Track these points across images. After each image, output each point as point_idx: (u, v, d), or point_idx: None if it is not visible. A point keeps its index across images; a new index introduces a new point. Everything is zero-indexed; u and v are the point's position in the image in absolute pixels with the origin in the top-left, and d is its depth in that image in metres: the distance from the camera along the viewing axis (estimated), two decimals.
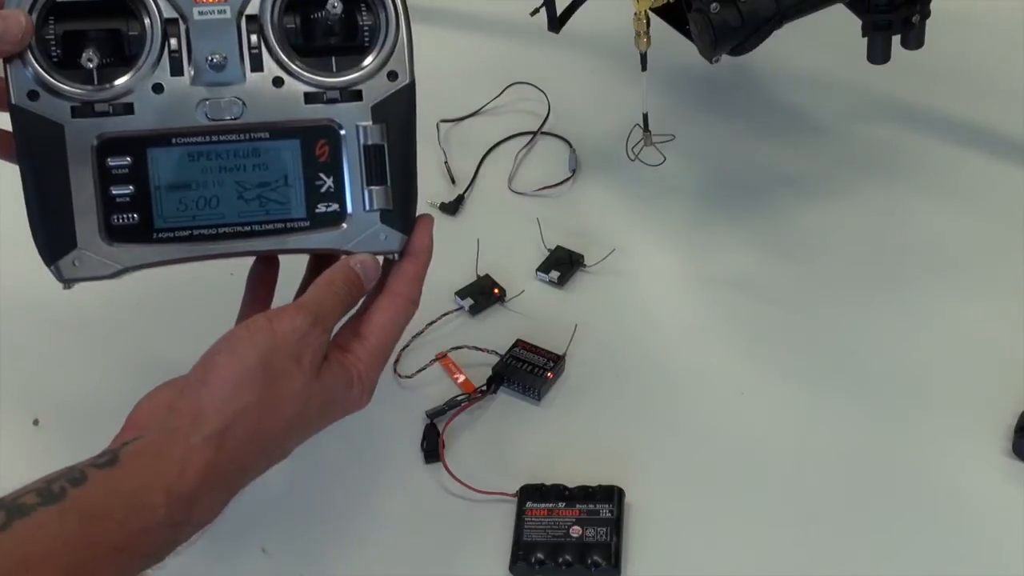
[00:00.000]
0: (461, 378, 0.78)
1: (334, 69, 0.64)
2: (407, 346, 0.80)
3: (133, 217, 0.62)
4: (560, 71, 1.00)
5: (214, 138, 0.62)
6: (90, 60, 0.61)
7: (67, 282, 0.63)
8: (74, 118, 0.61)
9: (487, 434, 0.76)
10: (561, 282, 0.84)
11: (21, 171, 0.61)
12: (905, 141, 0.91)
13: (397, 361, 0.79)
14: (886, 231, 0.85)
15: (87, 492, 0.52)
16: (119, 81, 0.61)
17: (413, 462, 0.74)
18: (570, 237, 0.86)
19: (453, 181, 0.93)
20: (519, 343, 0.79)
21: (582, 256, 0.85)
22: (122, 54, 0.62)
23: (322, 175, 0.63)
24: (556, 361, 0.77)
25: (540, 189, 0.91)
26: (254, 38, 0.63)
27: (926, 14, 0.76)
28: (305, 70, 0.63)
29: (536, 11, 0.85)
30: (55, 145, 0.61)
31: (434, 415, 0.76)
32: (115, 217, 0.62)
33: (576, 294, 0.84)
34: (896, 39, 0.77)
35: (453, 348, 0.79)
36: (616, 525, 0.68)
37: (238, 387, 0.56)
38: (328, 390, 0.60)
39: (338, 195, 0.63)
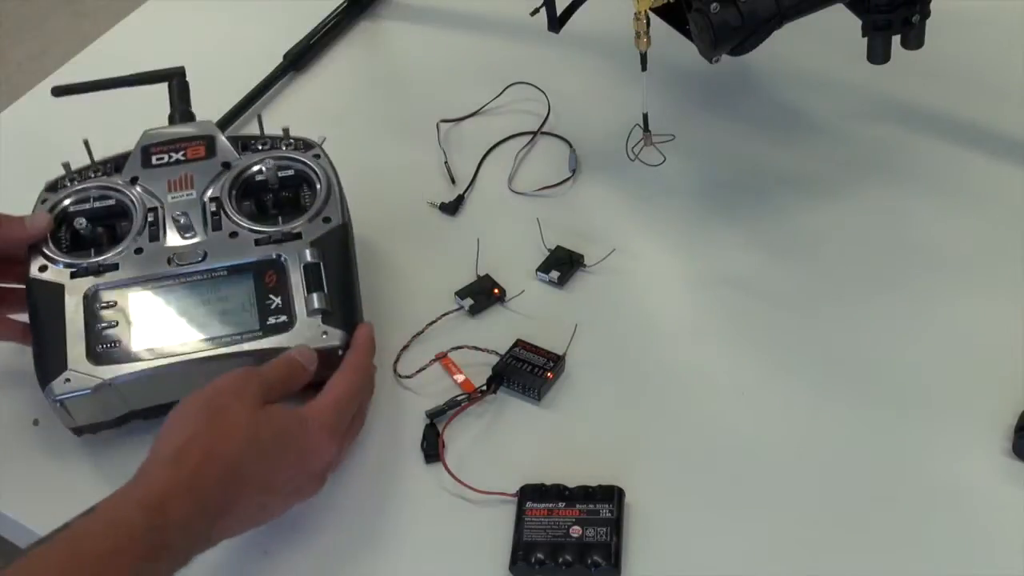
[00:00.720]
0: (461, 378, 0.78)
1: (280, 222, 0.80)
2: (407, 346, 0.80)
3: (115, 344, 0.75)
4: (560, 71, 1.00)
5: (183, 279, 0.77)
6: (90, 246, 0.79)
7: (71, 419, 0.75)
8: (72, 279, 0.77)
9: (487, 434, 0.76)
10: (561, 282, 0.84)
11: (30, 319, 0.77)
12: (905, 141, 0.91)
13: (397, 361, 0.79)
14: (886, 231, 0.85)
15: (71, 528, 0.60)
16: (110, 253, 0.78)
17: (413, 462, 0.74)
18: (570, 237, 0.86)
19: (453, 181, 0.93)
20: (519, 343, 0.79)
21: (582, 256, 0.85)
22: (113, 230, 0.81)
23: (272, 295, 0.76)
24: (556, 361, 0.77)
25: (540, 189, 0.91)
26: (214, 208, 0.80)
27: (926, 14, 0.76)
28: (255, 226, 0.79)
29: (536, 11, 0.85)
30: (56, 300, 0.76)
31: (434, 415, 0.76)
32: (100, 345, 0.75)
33: (576, 294, 0.84)
34: (896, 39, 0.77)
35: (453, 348, 0.79)
36: (616, 525, 0.68)
37: (185, 420, 0.66)
38: (276, 419, 0.67)
39: (286, 308, 0.76)
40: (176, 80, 0.90)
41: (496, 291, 0.83)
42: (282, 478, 0.67)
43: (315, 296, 0.75)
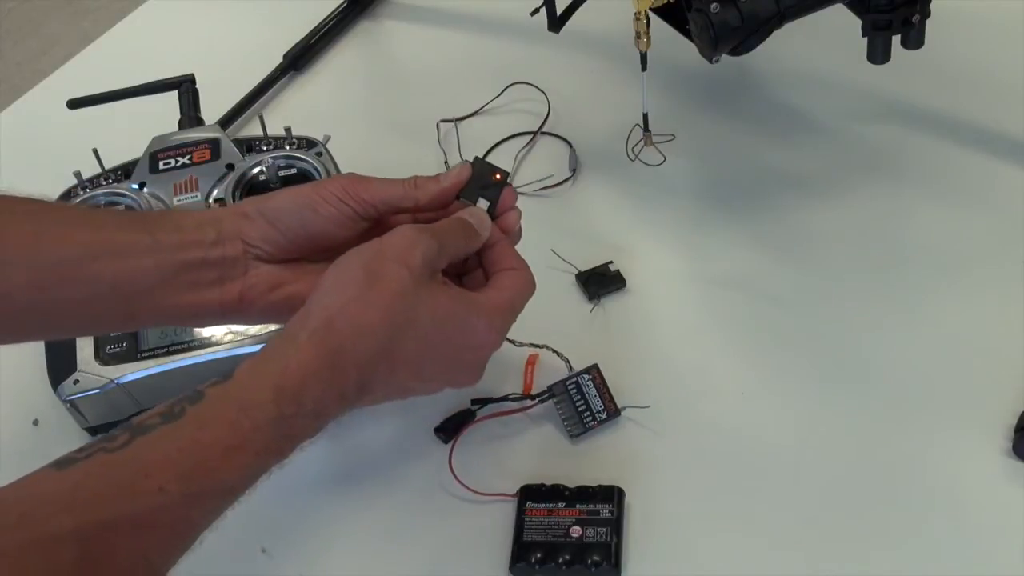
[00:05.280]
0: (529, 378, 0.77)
1: None
2: None
3: (123, 345, 0.76)
4: (560, 71, 1.00)
5: None
6: None
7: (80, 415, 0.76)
8: None
9: (488, 434, 0.76)
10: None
11: None
12: (905, 141, 0.91)
13: None
14: (886, 231, 0.85)
15: (203, 407, 0.55)
16: None
17: (413, 462, 0.74)
18: (570, 237, 0.86)
19: None
20: (595, 370, 0.75)
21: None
22: None
23: None
24: (611, 413, 0.74)
25: (540, 189, 0.91)
26: (217, 207, 0.80)
27: (926, 14, 0.76)
28: None
29: (536, 11, 0.85)
30: None
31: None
32: (108, 347, 0.76)
33: (575, 293, 0.84)
34: (896, 39, 0.77)
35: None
36: (616, 525, 0.68)
37: (341, 285, 0.59)
38: (441, 302, 0.61)
39: None
40: (186, 87, 0.91)
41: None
42: (435, 367, 0.63)
43: None
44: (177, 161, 0.84)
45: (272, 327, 0.75)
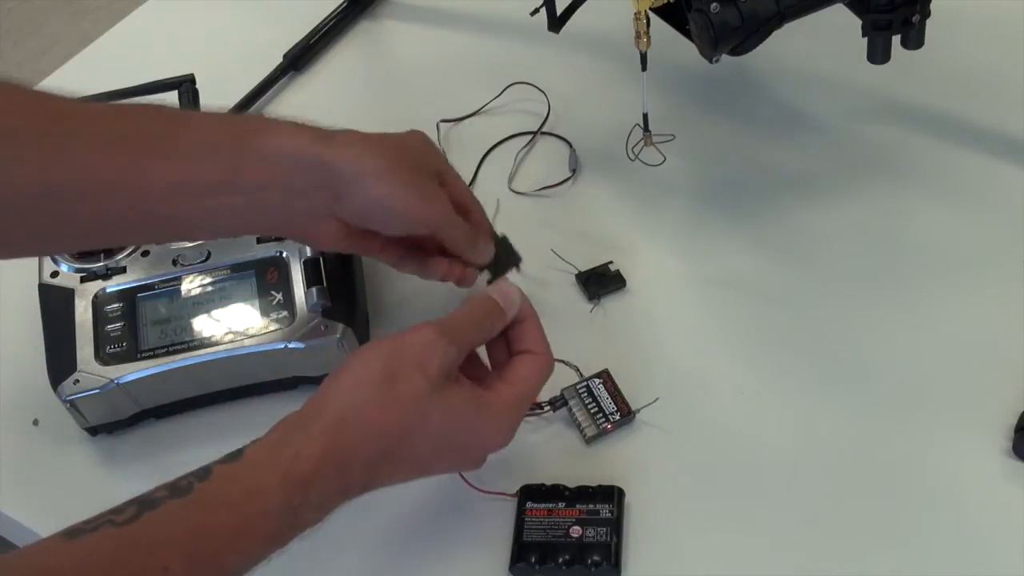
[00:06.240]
0: None
1: None
2: None
3: (123, 345, 0.76)
4: (560, 71, 1.00)
5: (187, 279, 0.79)
6: (99, 251, 0.80)
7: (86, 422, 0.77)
8: (81, 283, 0.79)
9: None
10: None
11: (43, 323, 0.78)
12: (905, 141, 0.91)
13: None
14: (886, 231, 0.85)
15: (211, 485, 0.56)
16: (118, 256, 0.80)
17: None
18: (570, 237, 0.86)
19: None
20: (605, 375, 0.76)
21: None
22: None
23: (273, 292, 0.78)
24: (624, 415, 0.74)
25: (540, 189, 0.91)
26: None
27: (926, 14, 0.76)
28: None
29: (536, 11, 0.85)
30: (67, 304, 0.78)
31: None
32: (108, 347, 0.76)
33: (575, 293, 0.84)
34: (896, 39, 0.77)
35: None
36: (616, 525, 0.68)
37: (359, 384, 0.61)
38: (452, 407, 0.62)
39: (287, 304, 0.77)
40: (186, 87, 0.91)
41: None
42: (439, 463, 0.65)
43: (314, 291, 0.76)
44: None
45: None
